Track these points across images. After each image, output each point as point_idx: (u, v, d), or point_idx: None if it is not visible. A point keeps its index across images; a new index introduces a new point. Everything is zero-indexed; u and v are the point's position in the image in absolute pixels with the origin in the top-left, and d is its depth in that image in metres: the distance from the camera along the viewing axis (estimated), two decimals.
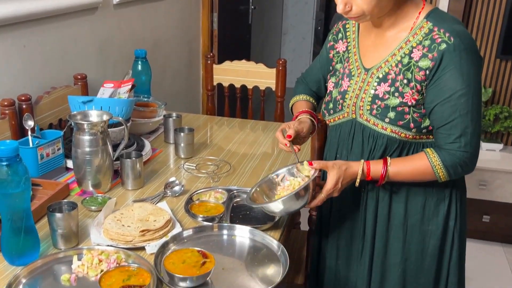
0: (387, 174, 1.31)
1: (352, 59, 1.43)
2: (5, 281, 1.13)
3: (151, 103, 2.17)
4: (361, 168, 1.32)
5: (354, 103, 1.37)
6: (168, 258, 1.20)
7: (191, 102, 3.39)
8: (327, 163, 1.31)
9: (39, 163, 1.57)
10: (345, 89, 1.40)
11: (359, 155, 1.39)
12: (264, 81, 2.66)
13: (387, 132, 1.32)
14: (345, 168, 1.31)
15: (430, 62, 1.24)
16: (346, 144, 1.42)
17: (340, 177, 1.30)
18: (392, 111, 1.30)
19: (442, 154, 1.28)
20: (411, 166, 1.31)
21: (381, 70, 1.34)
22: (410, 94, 1.28)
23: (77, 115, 1.56)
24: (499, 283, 2.74)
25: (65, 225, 1.26)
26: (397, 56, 1.31)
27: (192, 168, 1.79)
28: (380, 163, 1.32)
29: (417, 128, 1.31)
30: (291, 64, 5.90)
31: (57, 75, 1.97)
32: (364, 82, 1.36)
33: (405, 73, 1.29)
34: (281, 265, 1.23)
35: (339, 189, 1.31)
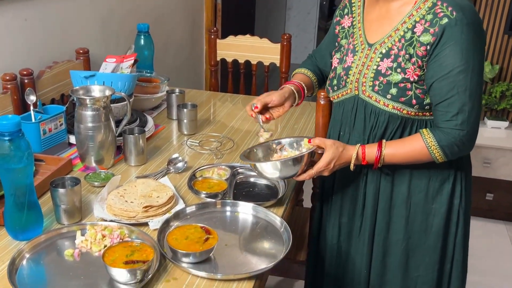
0: (382, 157, 1.30)
1: (356, 34, 1.41)
2: (9, 255, 1.13)
3: (154, 79, 2.15)
4: (355, 152, 1.31)
5: (357, 79, 1.36)
6: (171, 234, 1.20)
7: (194, 77, 3.37)
8: (325, 142, 1.30)
9: (41, 138, 1.56)
10: (349, 65, 1.39)
11: (361, 132, 1.38)
12: (269, 56, 2.62)
13: (389, 108, 1.31)
14: (341, 150, 1.30)
15: (431, 37, 1.22)
16: (349, 121, 1.41)
17: (334, 158, 1.29)
18: (394, 87, 1.29)
19: (437, 134, 1.26)
20: (407, 148, 1.29)
21: (384, 45, 1.32)
22: (412, 70, 1.26)
23: (80, 90, 1.55)
24: (501, 260, 2.75)
25: (68, 200, 1.26)
26: (400, 31, 1.29)
27: (195, 144, 1.79)
28: (375, 146, 1.31)
29: (420, 105, 1.29)
30: (296, 40, 5.84)
31: (59, 50, 1.95)
32: (367, 57, 1.35)
33: (407, 49, 1.27)
34: (283, 241, 1.23)
35: (330, 169, 1.31)
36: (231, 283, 1.10)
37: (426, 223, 1.40)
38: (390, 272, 1.45)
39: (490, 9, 3.03)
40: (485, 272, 2.63)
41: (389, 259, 1.45)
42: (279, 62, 2.61)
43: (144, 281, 1.06)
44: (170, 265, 1.14)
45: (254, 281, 1.11)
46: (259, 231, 1.29)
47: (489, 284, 2.56)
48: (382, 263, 1.45)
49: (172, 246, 1.15)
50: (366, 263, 1.47)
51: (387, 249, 1.44)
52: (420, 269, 1.43)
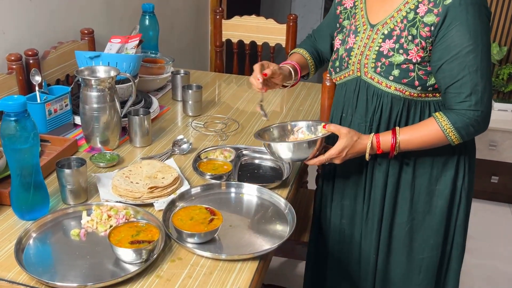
0: (397, 144, 1.28)
1: (358, 15, 1.40)
2: (16, 235, 1.14)
3: (159, 59, 2.14)
4: (370, 141, 1.29)
5: (359, 60, 1.35)
6: (176, 214, 1.21)
7: (199, 58, 3.35)
8: (340, 130, 1.29)
9: (47, 119, 1.56)
10: (351, 46, 1.38)
11: (363, 114, 1.38)
12: (274, 37, 2.60)
13: (391, 90, 1.30)
14: (356, 139, 1.29)
15: (435, 18, 1.21)
16: (351, 103, 1.40)
17: (347, 146, 1.28)
18: (396, 68, 1.28)
19: (451, 117, 1.24)
20: (421, 132, 1.28)
21: (386, 26, 1.31)
22: (415, 51, 1.25)
23: (85, 71, 1.54)
24: (506, 243, 2.76)
25: (74, 181, 1.27)
26: (403, 11, 1.28)
27: (200, 126, 1.79)
28: (389, 134, 1.29)
29: (422, 86, 1.28)
30: (302, 20, 5.77)
31: (64, 30, 1.94)
32: (369, 38, 1.34)
33: (410, 29, 1.25)
34: (288, 223, 1.24)
35: (342, 158, 1.30)
36: (235, 263, 1.11)
37: (430, 204, 1.40)
38: (396, 255, 1.46)
39: None
40: (490, 255, 2.64)
41: (394, 241, 1.45)
42: (285, 43, 2.59)
43: (149, 261, 1.07)
44: (175, 245, 1.15)
45: (258, 261, 1.12)
46: (263, 212, 1.29)
47: (494, 266, 2.58)
48: (387, 246, 1.46)
49: (177, 227, 1.16)
50: (375, 247, 1.47)
51: (392, 232, 1.45)
52: (425, 251, 1.44)
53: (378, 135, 1.30)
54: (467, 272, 2.51)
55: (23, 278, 1.04)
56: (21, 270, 1.04)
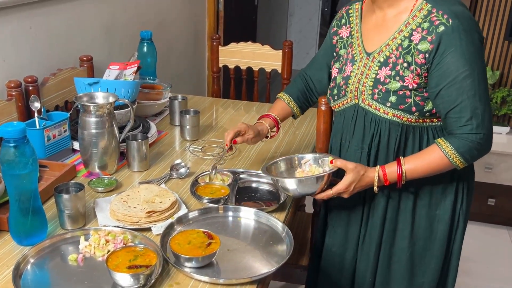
0: (403, 174, 1.29)
1: (355, 44, 1.42)
2: (14, 260, 1.14)
3: (157, 85, 2.16)
4: (377, 173, 1.31)
5: (356, 88, 1.37)
6: (174, 239, 1.21)
7: (197, 84, 3.39)
8: (347, 164, 1.30)
9: (45, 144, 1.58)
10: (348, 75, 1.40)
11: (360, 140, 1.39)
12: (270, 63, 2.64)
13: (389, 116, 1.32)
14: (363, 173, 1.30)
15: (429, 45, 1.24)
16: (349, 129, 1.42)
17: (354, 181, 1.30)
18: (393, 95, 1.30)
19: (454, 142, 1.26)
20: (426, 160, 1.29)
21: (382, 54, 1.33)
22: (411, 77, 1.27)
23: (83, 97, 1.56)
24: (504, 265, 2.75)
25: (72, 206, 1.27)
26: (397, 39, 1.30)
27: (198, 150, 1.80)
28: (394, 164, 1.31)
29: (420, 112, 1.30)
30: (297, 46, 5.86)
31: (63, 57, 1.97)
32: (366, 66, 1.36)
33: (405, 57, 1.28)
34: (286, 246, 1.24)
35: (350, 192, 1.32)
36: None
37: (431, 229, 1.40)
38: (396, 279, 1.46)
39: (490, 15, 3.04)
40: (488, 277, 2.63)
41: (394, 266, 1.45)
42: (280, 69, 2.63)
43: (147, 286, 1.07)
44: (173, 270, 1.15)
45: (256, 285, 1.12)
46: (261, 236, 1.30)
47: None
48: (387, 270, 1.46)
49: (174, 251, 1.16)
50: (372, 270, 1.47)
51: (393, 257, 1.45)
52: (425, 275, 1.44)
53: (384, 167, 1.31)
54: None
55: None
56: None
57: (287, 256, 1.19)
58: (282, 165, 1.45)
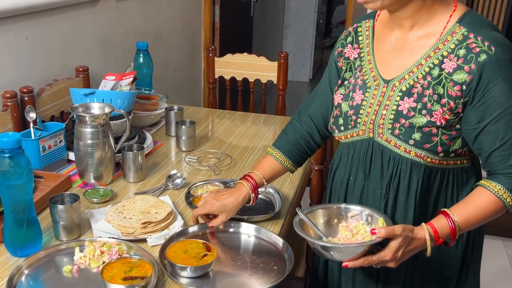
0: (457, 228, 1.11)
1: (366, 68, 1.24)
2: (8, 272, 1.13)
3: (153, 96, 2.17)
4: (427, 231, 1.11)
5: (372, 120, 1.19)
6: (172, 246, 1.21)
7: (193, 95, 3.39)
8: (394, 230, 1.08)
9: (41, 155, 1.57)
10: (358, 103, 1.22)
11: (379, 179, 1.22)
12: (266, 74, 2.65)
13: (410, 155, 1.15)
14: (411, 235, 1.10)
15: (467, 76, 1.08)
16: (363, 166, 1.24)
17: (403, 245, 1.09)
18: (417, 131, 1.13)
19: (503, 181, 1.11)
20: (477, 206, 1.13)
21: (404, 82, 1.16)
22: (440, 112, 1.11)
23: (79, 108, 1.56)
24: (499, 277, 2.75)
25: (67, 217, 1.27)
26: (424, 66, 1.14)
27: (194, 161, 1.80)
28: (442, 219, 1.12)
29: (445, 153, 1.15)
30: (293, 57, 5.89)
31: (59, 68, 1.97)
32: (383, 96, 1.18)
33: (436, 88, 1.12)
34: (286, 262, 1.22)
35: (398, 260, 1.10)
36: None
37: None
38: None
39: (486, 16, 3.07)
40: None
41: None
42: (276, 80, 2.64)
43: None
44: (169, 282, 1.15)
45: None
46: (261, 252, 1.27)
47: None
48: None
49: (169, 259, 1.15)
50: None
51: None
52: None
53: (431, 224, 1.12)
54: None
55: None
56: None
57: (287, 272, 1.17)
58: (320, 215, 1.24)
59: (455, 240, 1.12)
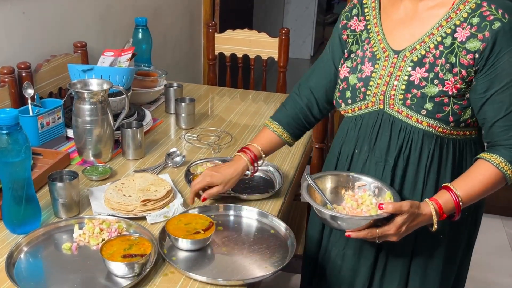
0: (460, 202, 1.12)
1: (374, 39, 1.24)
2: (7, 249, 1.13)
3: (152, 73, 2.14)
4: (432, 207, 1.11)
5: (383, 91, 1.19)
6: (179, 216, 1.24)
7: (192, 71, 3.36)
8: (402, 206, 1.08)
9: (39, 132, 1.56)
10: (367, 75, 1.22)
11: (384, 152, 1.22)
12: (267, 50, 2.62)
13: (422, 126, 1.16)
14: (417, 211, 1.10)
15: (481, 44, 1.08)
16: (369, 139, 1.24)
17: (407, 221, 1.10)
18: (429, 101, 1.13)
19: (503, 153, 1.11)
20: (478, 179, 1.13)
21: (415, 52, 1.16)
22: (452, 82, 1.12)
23: (77, 84, 1.54)
24: (498, 255, 2.77)
25: (66, 194, 1.26)
26: (436, 35, 1.14)
27: (193, 138, 1.79)
28: (445, 193, 1.13)
29: (456, 122, 1.15)
30: (294, 34, 5.78)
31: (57, 43, 1.94)
32: (394, 67, 1.18)
33: (448, 57, 1.12)
34: (288, 249, 1.20)
35: (401, 234, 1.11)
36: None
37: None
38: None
39: None
40: (482, 267, 2.64)
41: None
42: (277, 57, 2.61)
43: (142, 275, 1.06)
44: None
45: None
46: (261, 236, 1.25)
47: (486, 278, 2.58)
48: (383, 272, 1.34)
49: (167, 229, 1.17)
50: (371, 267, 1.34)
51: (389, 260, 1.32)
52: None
53: (435, 199, 1.13)
54: None
55: None
56: (12, 284, 1.03)
57: (289, 257, 1.16)
58: (329, 181, 1.25)
59: (459, 214, 1.13)
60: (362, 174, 1.25)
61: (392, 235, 1.10)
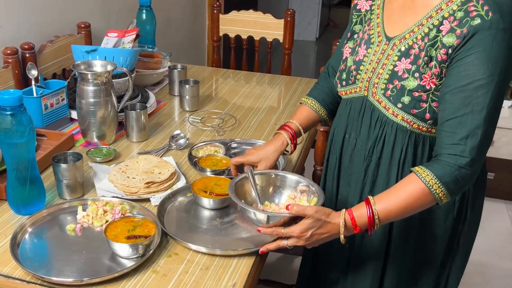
0: (375, 217, 1.04)
1: (374, 22, 1.21)
2: (11, 229, 1.14)
3: (156, 54, 2.13)
4: (343, 218, 1.05)
5: (369, 78, 1.17)
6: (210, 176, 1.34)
7: (196, 53, 3.34)
8: (305, 210, 1.05)
9: (43, 113, 1.56)
10: (360, 59, 1.20)
11: (365, 140, 1.20)
12: (272, 32, 2.60)
13: (397, 119, 1.12)
14: (324, 218, 1.05)
15: (456, 40, 1.02)
16: (356, 125, 1.23)
17: (312, 227, 1.05)
18: (407, 95, 1.10)
19: (435, 168, 1.03)
20: (402, 195, 1.05)
21: (404, 41, 1.12)
22: (429, 76, 1.07)
23: (81, 65, 1.53)
24: (501, 239, 2.77)
25: (70, 175, 1.26)
26: (425, 27, 1.09)
27: (197, 121, 1.78)
28: (363, 207, 1.06)
29: (434, 120, 1.10)
30: (299, 15, 5.75)
31: (60, 24, 1.93)
32: (383, 54, 1.16)
33: (429, 50, 1.07)
34: None
35: (307, 239, 1.06)
36: (232, 259, 1.11)
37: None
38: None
39: None
40: (485, 251, 2.65)
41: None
42: (282, 38, 2.59)
43: (145, 256, 1.07)
44: (172, 241, 1.15)
45: (255, 257, 1.12)
46: None
47: (489, 263, 2.58)
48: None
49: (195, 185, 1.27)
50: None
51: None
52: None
53: (351, 210, 1.07)
54: None
55: (19, 273, 1.04)
56: (17, 265, 1.04)
57: None
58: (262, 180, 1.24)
59: (372, 230, 1.06)
60: (286, 172, 1.25)
61: (296, 237, 1.06)
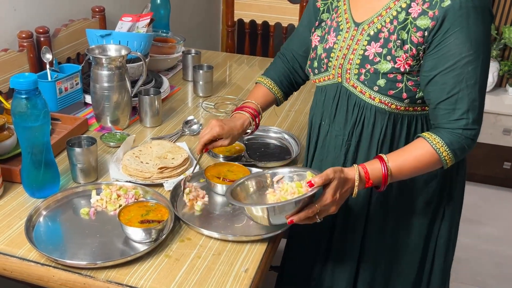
0: (389, 173, 1.08)
1: (341, 9, 1.22)
2: (26, 212, 1.15)
3: (170, 39, 2.12)
4: (357, 172, 1.08)
5: (341, 64, 1.18)
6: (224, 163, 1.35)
7: (211, 38, 3.32)
8: (328, 175, 1.04)
9: (57, 97, 1.56)
10: (330, 46, 1.21)
11: (342, 126, 1.22)
12: (288, 17, 2.57)
13: (375, 102, 1.14)
14: (342, 175, 1.06)
15: (430, 22, 1.05)
16: (330, 110, 1.24)
17: (338, 187, 1.05)
18: (382, 78, 1.12)
19: (445, 137, 1.08)
20: (412, 156, 1.10)
21: (372, 26, 1.14)
22: (404, 58, 1.09)
23: (95, 49, 1.53)
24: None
25: (85, 160, 1.27)
26: (392, 10, 1.11)
27: (211, 107, 1.78)
28: (376, 162, 1.10)
29: (411, 99, 1.13)
30: None
31: (75, 8, 1.92)
32: (353, 39, 1.16)
33: (400, 33, 1.09)
34: None
35: (338, 202, 1.06)
36: (244, 245, 1.11)
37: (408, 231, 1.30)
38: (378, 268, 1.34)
39: None
40: (500, 241, 2.63)
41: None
42: (297, 24, 2.56)
43: (158, 240, 1.07)
44: (184, 226, 1.16)
45: (267, 243, 1.12)
46: None
47: (504, 252, 2.56)
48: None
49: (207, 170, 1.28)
50: None
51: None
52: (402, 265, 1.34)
53: (364, 165, 1.09)
54: (476, 258, 2.50)
55: (34, 255, 1.05)
56: (32, 247, 1.05)
57: None
58: (250, 185, 1.18)
59: (385, 185, 1.10)
60: (278, 168, 1.19)
61: (330, 204, 1.04)
